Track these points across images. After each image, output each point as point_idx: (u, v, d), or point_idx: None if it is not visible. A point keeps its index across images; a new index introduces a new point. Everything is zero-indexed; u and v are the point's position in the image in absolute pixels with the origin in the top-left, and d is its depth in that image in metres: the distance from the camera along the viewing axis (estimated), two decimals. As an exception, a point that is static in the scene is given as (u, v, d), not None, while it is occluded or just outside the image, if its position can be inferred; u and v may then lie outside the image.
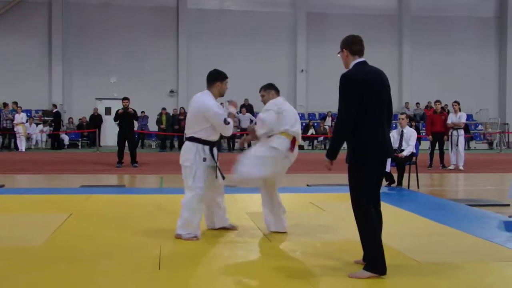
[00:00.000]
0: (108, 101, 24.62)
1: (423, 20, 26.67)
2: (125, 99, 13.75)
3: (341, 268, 4.39)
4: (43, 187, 9.88)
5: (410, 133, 9.92)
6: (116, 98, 22.23)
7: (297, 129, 5.54)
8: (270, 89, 5.77)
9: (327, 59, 25.95)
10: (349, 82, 4.10)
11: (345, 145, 4.24)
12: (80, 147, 23.80)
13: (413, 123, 19.46)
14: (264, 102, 5.72)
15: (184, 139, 5.64)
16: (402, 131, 9.97)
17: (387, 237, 5.39)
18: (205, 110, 5.33)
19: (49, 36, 24.53)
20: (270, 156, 5.36)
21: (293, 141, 5.49)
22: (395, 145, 9.94)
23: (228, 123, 5.37)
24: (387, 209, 7.39)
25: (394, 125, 24.30)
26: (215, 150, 5.48)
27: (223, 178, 5.53)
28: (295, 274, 4.22)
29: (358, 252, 4.85)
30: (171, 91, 25.44)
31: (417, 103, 26.14)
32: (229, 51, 24.51)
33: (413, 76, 26.80)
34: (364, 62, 4.26)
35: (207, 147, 5.39)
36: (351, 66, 4.25)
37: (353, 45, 4.30)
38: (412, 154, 9.85)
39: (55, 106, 23.33)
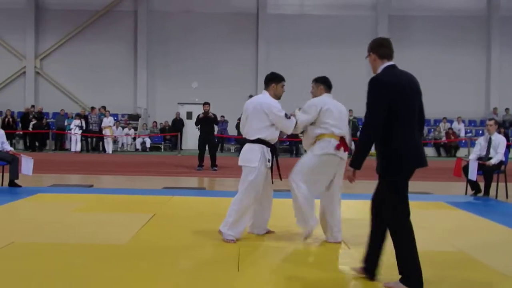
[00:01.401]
0: (190, 106, 25.28)
1: (513, 21, 25.39)
2: (205, 104, 14.07)
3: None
4: (128, 188, 10.28)
5: (499, 140, 9.46)
6: (197, 102, 22.77)
7: (341, 130, 5.28)
8: (319, 84, 5.51)
9: (409, 63, 25.17)
10: (378, 86, 3.87)
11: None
12: (162, 150, 24.58)
13: (502, 130, 18.58)
14: (313, 96, 5.53)
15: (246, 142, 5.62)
16: (490, 138, 9.52)
17: (472, 249, 5.20)
18: (266, 107, 5.33)
19: (135, 43, 25.56)
20: (317, 166, 5.22)
21: (341, 143, 5.23)
22: (482, 152, 9.54)
23: (289, 117, 5.35)
24: (472, 219, 7.14)
25: (481, 132, 23.36)
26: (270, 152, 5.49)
27: (272, 182, 5.51)
28: (366, 279, 4.15)
29: (432, 263, 4.71)
30: (250, 96, 25.62)
31: (507, 109, 24.81)
32: (308, 56, 24.46)
33: (502, 80, 25.48)
34: (394, 66, 4.00)
35: (268, 149, 5.40)
36: (379, 70, 4.01)
37: (381, 48, 4.03)
38: (501, 163, 9.40)
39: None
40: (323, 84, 5.52)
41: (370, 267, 4.13)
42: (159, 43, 25.34)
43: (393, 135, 3.83)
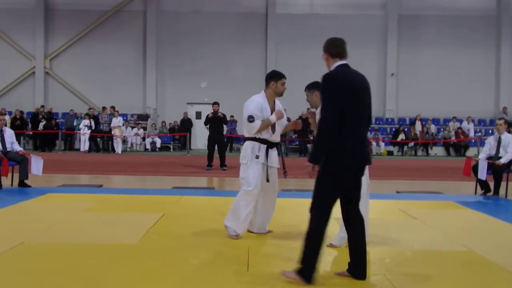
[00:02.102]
0: (199, 106, 25.33)
1: (523, 20, 25.22)
2: (215, 103, 14.10)
3: (426, 278, 4.25)
4: (137, 188, 10.33)
5: (509, 140, 9.41)
6: (207, 102, 22.82)
7: None
8: (314, 90, 5.24)
9: (419, 62, 25.32)
10: (330, 82, 3.99)
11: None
12: (171, 150, 24.64)
13: (512, 129, 18.48)
14: (310, 104, 5.38)
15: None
16: (500, 137, 9.48)
17: (482, 249, 5.18)
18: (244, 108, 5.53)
19: (144, 43, 25.65)
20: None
21: None
22: (492, 152, 9.50)
23: (251, 121, 5.43)
24: (482, 219, 7.11)
25: (490, 131, 23.22)
26: (271, 151, 5.55)
27: (267, 180, 5.50)
28: (377, 279, 4.14)
29: (442, 263, 4.69)
30: (260, 95, 25.70)
31: (517, 108, 24.76)
32: (318, 55, 23.86)
33: (511, 79, 25.37)
34: (346, 65, 4.14)
35: (264, 146, 5.48)
36: (332, 68, 4.16)
37: (332, 47, 4.22)
38: (511, 162, 9.34)
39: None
40: (318, 89, 5.25)
41: (352, 268, 4.18)
42: (168, 43, 25.41)
43: (341, 131, 3.90)
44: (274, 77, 5.59)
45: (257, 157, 5.45)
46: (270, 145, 5.57)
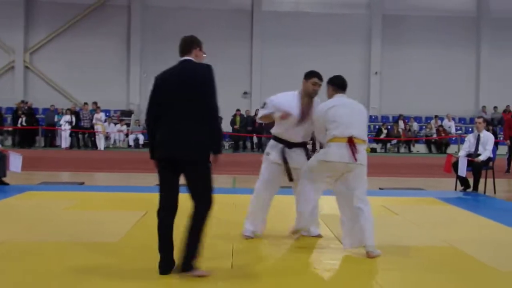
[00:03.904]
0: (183, 102, 25.19)
1: (502, 22, 25.55)
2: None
3: (408, 273, 4.31)
4: (120, 185, 10.23)
5: (487, 137, 9.58)
6: (191, 99, 22.74)
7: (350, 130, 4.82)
8: (329, 85, 5.15)
9: (402, 62, 25.56)
10: (154, 81, 4.33)
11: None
12: (155, 146, 24.44)
13: (490, 127, 18.73)
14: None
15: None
16: (479, 135, 9.64)
17: (462, 243, 5.26)
18: None
19: (128, 38, 25.41)
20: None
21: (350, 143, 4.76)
22: (471, 149, 9.64)
23: (261, 107, 5.59)
24: (462, 214, 7.22)
25: (470, 129, 23.52)
26: (290, 151, 5.30)
27: (291, 179, 5.35)
28: (359, 275, 4.19)
29: (423, 258, 4.75)
30: (245, 93, 25.72)
31: (495, 107, 25.15)
32: (303, 53, 24.44)
33: (491, 79, 25.73)
34: (182, 61, 4.40)
35: (280, 145, 5.32)
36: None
37: (179, 46, 4.49)
38: (489, 159, 9.52)
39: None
40: (331, 84, 5.20)
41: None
42: (153, 38, 25.22)
43: (159, 124, 4.12)
44: (306, 75, 5.36)
45: (267, 153, 5.40)
46: (288, 144, 5.34)
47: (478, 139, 9.60)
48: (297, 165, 5.28)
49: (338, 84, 5.14)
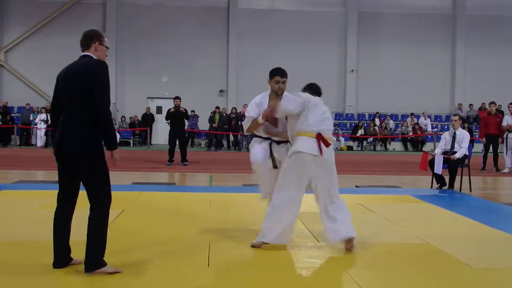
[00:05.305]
0: (160, 100, 25.08)
1: (478, 20, 25.92)
2: (176, 98, 14.00)
3: (384, 270, 4.34)
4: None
5: (463, 135, 9.69)
6: (167, 97, 22.65)
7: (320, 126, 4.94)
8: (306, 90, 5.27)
9: (378, 59, 25.77)
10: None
11: None
12: (131, 145, 24.34)
13: (466, 125, 19.00)
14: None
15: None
16: (455, 133, 9.75)
17: (437, 240, 5.33)
18: None
19: (103, 36, 25.15)
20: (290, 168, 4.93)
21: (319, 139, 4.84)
22: (447, 147, 9.76)
23: (243, 120, 5.46)
24: (438, 212, 7.30)
25: (446, 127, 23.85)
26: (276, 147, 5.29)
27: (275, 167, 5.27)
28: (336, 273, 4.21)
29: (399, 255, 4.80)
30: (221, 91, 25.68)
31: (470, 105, 25.45)
32: (279, 51, 24.51)
33: (466, 77, 26.10)
34: (82, 56, 4.51)
35: (265, 142, 5.33)
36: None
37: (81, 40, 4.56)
38: (465, 157, 9.62)
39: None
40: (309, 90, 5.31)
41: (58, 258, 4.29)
42: (129, 36, 25.03)
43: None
44: (269, 74, 5.38)
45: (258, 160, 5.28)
46: (274, 141, 5.33)
47: (454, 137, 9.72)
48: (281, 158, 5.29)
49: (314, 90, 5.30)
